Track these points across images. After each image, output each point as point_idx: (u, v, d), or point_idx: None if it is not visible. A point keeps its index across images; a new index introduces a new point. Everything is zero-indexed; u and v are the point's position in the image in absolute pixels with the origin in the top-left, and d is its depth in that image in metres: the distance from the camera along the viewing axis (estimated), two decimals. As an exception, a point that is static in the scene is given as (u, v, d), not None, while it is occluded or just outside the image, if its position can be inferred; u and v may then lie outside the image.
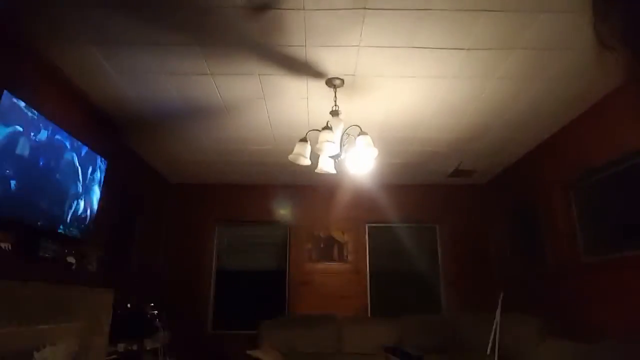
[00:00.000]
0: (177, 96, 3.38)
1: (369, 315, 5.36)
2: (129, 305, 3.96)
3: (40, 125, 2.68)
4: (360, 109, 3.58)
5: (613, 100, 3.23)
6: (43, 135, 2.71)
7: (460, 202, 5.70)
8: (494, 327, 4.00)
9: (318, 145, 2.90)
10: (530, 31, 2.54)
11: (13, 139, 2.45)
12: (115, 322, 3.45)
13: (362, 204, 5.64)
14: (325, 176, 3.55)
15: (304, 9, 2.37)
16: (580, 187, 3.79)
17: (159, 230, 5.37)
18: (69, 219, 3.07)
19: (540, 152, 4.33)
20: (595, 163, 3.45)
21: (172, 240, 5.49)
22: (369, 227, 5.70)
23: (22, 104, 2.49)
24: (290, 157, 3.16)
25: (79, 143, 3.12)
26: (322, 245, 5.56)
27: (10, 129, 2.41)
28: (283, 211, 5.07)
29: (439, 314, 5.40)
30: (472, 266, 5.42)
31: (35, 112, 2.61)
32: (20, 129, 2.49)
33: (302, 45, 2.71)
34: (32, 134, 2.60)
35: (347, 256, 5.52)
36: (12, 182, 2.47)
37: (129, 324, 3.83)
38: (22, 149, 2.53)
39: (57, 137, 2.86)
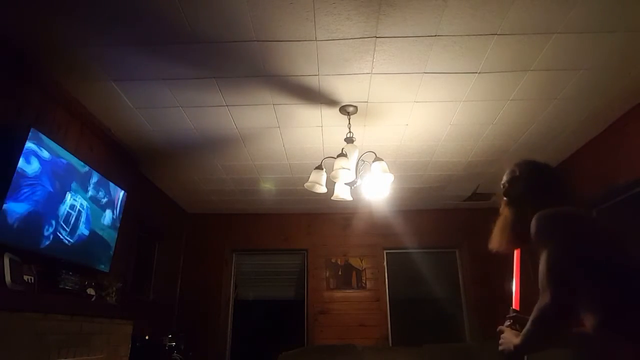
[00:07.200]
0: (194, 127, 3.45)
1: (390, 344, 5.22)
2: (147, 337, 3.95)
3: (64, 160, 2.76)
4: (374, 135, 3.59)
5: (633, 117, 3.18)
6: (66, 169, 2.79)
7: (480, 225, 5.51)
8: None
9: (333, 173, 2.91)
10: (543, 53, 2.54)
11: (38, 173, 2.52)
12: (133, 354, 3.43)
13: (379, 230, 5.58)
14: (342, 203, 3.54)
15: (316, 40, 2.43)
16: (603, 206, 3.69)
17: (176, 260, 5.39)
18: (90, 250, 3.11)
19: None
20: (618, 182, 3.37)
21: (189, 270, 5.48)
22: (386, 253, 5.63)
23: (46, 139, 2.58)
24: (307, 184, 3.17)
25: (99, 175, 3.18)
26: (340, 273, 5.49)
27: (35, 164, 2.49)
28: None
29: (463, 342, 5.22)
30: (496, 291, 5.26)
31: (59, 147, 2.69)
32: (45, 164, 2.57)
33: (316, 75, 2.76)
34: (56, 168, 2.67)
35: (365, 283, 5.44)
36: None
37: (147, 356, 3.80)
38: (47, 183, 2.60)
39: (81, 171, 2.94)
